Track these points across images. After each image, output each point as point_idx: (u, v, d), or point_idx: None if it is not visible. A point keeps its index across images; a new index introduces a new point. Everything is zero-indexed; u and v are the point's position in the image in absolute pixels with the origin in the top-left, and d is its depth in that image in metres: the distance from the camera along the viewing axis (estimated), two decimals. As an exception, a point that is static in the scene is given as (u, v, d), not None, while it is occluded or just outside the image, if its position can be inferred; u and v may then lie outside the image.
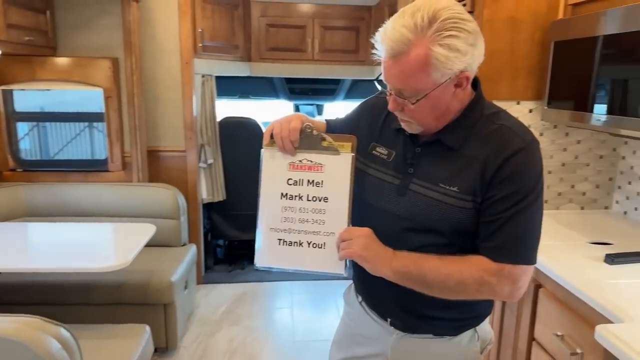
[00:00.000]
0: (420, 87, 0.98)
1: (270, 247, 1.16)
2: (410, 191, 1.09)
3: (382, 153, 1.16)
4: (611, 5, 1.70)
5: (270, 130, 1.15)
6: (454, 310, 1.16)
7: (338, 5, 3.99)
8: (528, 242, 1.02)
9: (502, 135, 1.02)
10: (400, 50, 0.94)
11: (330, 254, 1.11)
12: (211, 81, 3.52)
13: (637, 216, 2.07)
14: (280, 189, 1.15)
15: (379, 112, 1.20)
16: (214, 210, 3.89)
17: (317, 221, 1.13)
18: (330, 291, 3.52)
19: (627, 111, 1.58)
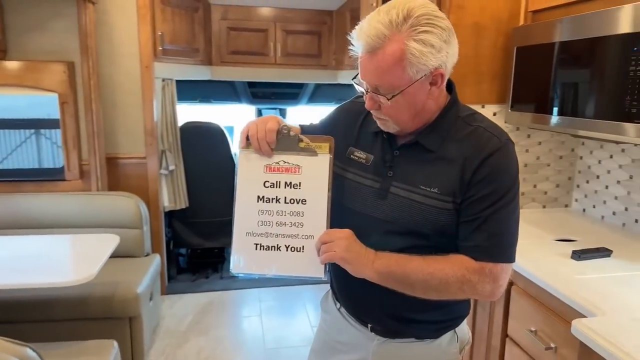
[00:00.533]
0: (396, 83, 0.99)
1: (246, 253, 1.13)
2: (390, 194, 1.09)
3: (360, 157, 1.16)
4: (568, 13, 1.79)
5: (246, 132, 1.13)
6: (436, 313, 1.17)
7: (299, 9, 3.99)
8: (507, 240, 1.04)
9: (479, 137, 1.04)
10: (376, 45, 0.96)
11: (310, 258, 1.10)
12: (172, 85, 3.43)
13: (595, 213, 2.17)
14: (257, 191, 1.12)
15: (355, 116, 1.21)
16: (176, 218, 3.79)
17: (296, 224, 1.11)
18: (299, 296, 3.50)
19: (582, 113, 1.67)
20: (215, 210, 3.86)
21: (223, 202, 3.87)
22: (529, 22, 2.04)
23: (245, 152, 1.13)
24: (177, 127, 3.50)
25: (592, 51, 1.61)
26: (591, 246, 1.70)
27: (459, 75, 2.08)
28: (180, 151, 3.54)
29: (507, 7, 2.07)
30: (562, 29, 1.77)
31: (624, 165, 1.99)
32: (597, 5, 1.64)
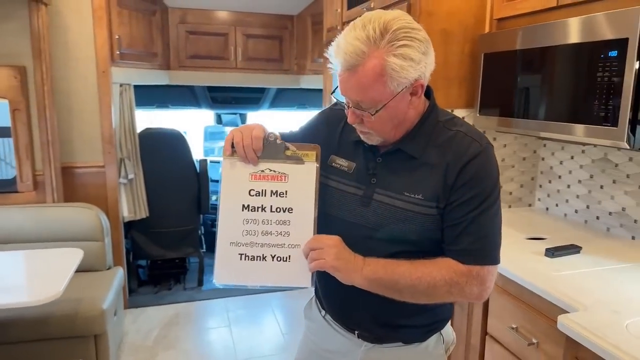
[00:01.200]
0: (378, 98, 0.98)
1: (230, 263, 1.10)
2: (374, 201, 1.09)
3: (342, 165, 1.15)
4: (532, 22, 1.87)
5: (231, 139, 1.10)
6: (422, 317, 1.18)
7: (259, 13, 3.96)
8: (491, 242, 1.06)
9: (460, 141, 1.05)
10: (356, 62, 0.95)
11: (296, 267, 1.09)
12: (129, 91, 3.30)
13: (557, 212, 2.28)
14: (242, 200, 1.10)
15: (335, 124, 1.20)
16: (135, 229, 3.65)
17: (282, 233, 1.09)
18: (267, 304, 3.45)
19: (543, 116, 1.75)
20: (177, 220, 3.75)
21: (185, 210, 3.77)
22: (494, 29, 2.12)
23: (230, 160, 1.10)
24: (135, 134, 3.37)
25: (550, 58, 1.70)
26: (560, 244, 1.78)
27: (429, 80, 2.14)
28: (140, 159, 3.42)
29: (473, 14, 2.14)
30: (522, 37, 1.86)
31: (584, 166, 2.10)
32: (561, 14, 1.72)
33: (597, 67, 1.50)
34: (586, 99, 1.55)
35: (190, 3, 3.75)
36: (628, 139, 1.42)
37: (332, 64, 1.00)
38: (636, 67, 1.38)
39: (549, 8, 1.77)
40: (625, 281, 1.50)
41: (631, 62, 1.39)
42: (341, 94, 1.04)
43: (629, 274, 1.55)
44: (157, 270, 3.87)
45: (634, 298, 1.37)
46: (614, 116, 1.45)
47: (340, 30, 2.89)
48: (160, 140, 3.62)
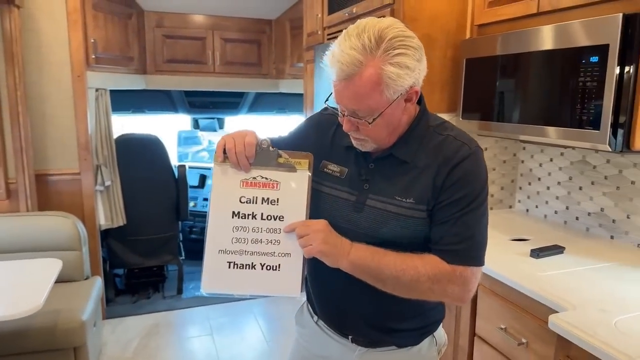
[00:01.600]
0: (375, 107, 0.99)
1: (218, 271, 1.08)
2: (367, 207, 1.10)
3: (335, 170, 1.15)
4: (510, 28, 1.92)
5: (223, 145, 1.09)
6: (417, 320, 1.19)
7: (237, 17, 3.94)
8: (477, 243, 1.07)
9: (450, 145, 1.06)
10: (352, 72, 0.95)
11: (286, 276, 1.08)
12: (105, 95, 3.22)
13: (537, 213, 2.33)
14: (232, 207, 1.09)
15: (326, 129, 1.20)
16: (112, 237, 3.56)
17: (272, 241, 1.08)
18: (249, 310, 3.41)
19: (525, 119, 1.80)
20: (155, 227, 3.68)
21: (163, 217, 3.70)
22: (475, 35, 2.16)
23: (221, 166, 1.09)
24: (112, 140, 3.30)
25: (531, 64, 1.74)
26: (543, 244, 1.82)
27: (413, 85, 2.17)
28: (117, 165, 3.34)
29: (455, 19, 2.17)
30: (501, 44, 1.90)
31: (563, 168, 2.16)
32: (541, 21, 1.77)
33: (579, 72, 1.54)
34: (568, 103, 1.60)
35: (166, 7, 3.70)
36: (610, 142, 1.47)
37: (328, 73, 1.01)
38: (617, 72, 1.43)
39: (530, 15, 1.82)
40: (608, 280, 1.54)
41: (612, 67, 1.43)
42: (336, 102, 1.04)
43: (611, 273, 1.60)
44: (135, 279, 3.78)
45: (620, 296, 1.41)
46: (596, 120, 1.50)
47: (321, 34, 2.91)
48: (137, 146, 3.55)
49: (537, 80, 1.77)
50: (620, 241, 1.90)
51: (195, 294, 3.77)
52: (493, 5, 2.02)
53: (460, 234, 1.04)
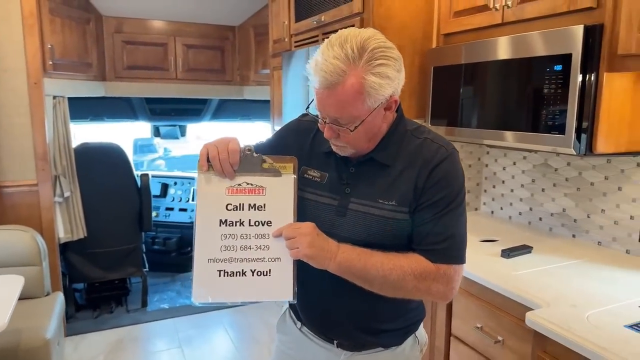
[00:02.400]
0: (356, 115, 1.02)
1: (209, 280, 1.08)
2: (350, 211, 1.12)
3: (315, 176, 1.17)
4: (476, 38, 1.99)
5: (206, 154, 1.09)
6: (401, 320, 1.22)
7: (199, 23, 3.89)
8: (458, 242, 1.11)
9: (428, 147, 1.11)
10: (335, 81, 0.98)
11: (278, 281, 1.09)
12: (63, 103, 3.10)
13: (503, 215, 2.43)
14: (219, 215, 1.09)
15: (304, 135, 1.22)
16: (71, 250, 3.41)
17: (261, 247, 1.09)
18: (218, 321, 3.36)
19: (490, 125, 1.88)
20: (117, 238, 3.56)
21: (126, 228, 3.59)
22: (441, 44, 2.23)
23: (205, 175, 1.09)
24: (71, 149, 3.17)
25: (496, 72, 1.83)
26: (512, 245, 1.90)
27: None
28: (76, 175, 3.21)
29: (422, 29, 2.24)
30: (464, 53, 1.98)
31: (526, 171, 2.26)
32: (505, 30, 1.85)
33: (544, 80, 1.62)
34: (534, 109, 1.68)
35: (126, 12, 3.61)
36: (574, 146, 1.55)
37: (310, 81, 1.03)
38: (579, 80, 1.52)
39: (494, 25, 1.90)
40: (575, 277, 1.62)
41: (575, 75, 1.52)
42: (318, 109, 1.06)
43: (577, 270, 1.69)
44: (96, 293, 3.64)
45: (588, 292, 1.49)
46: (560, 125, 1.58)
47: (288, 41, 2.92)
48: (97, 155, 3.43)
49: (502, 87, 1.85)
50: (582, 239, 2.01)
51: (160, 306, 3.67)
52: (458, 15, 2.09)
53: (442, 234, 1.08)
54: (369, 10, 2.15)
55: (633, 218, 1.80)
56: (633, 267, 1.70)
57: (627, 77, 1.54)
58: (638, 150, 1.66)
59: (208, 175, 1.09)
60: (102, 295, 3.64)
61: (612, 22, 1.48)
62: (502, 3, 1.83)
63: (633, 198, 1.80)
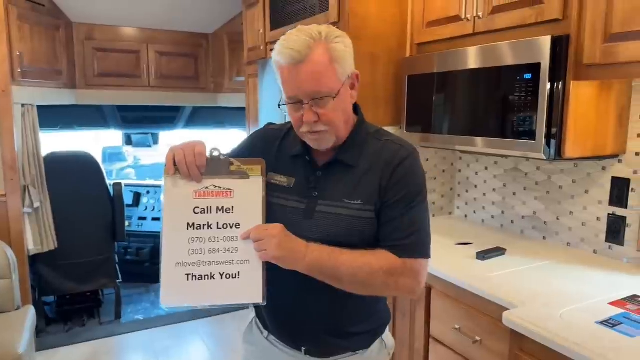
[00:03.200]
0: (332, 85, 1.07)
1: (177, 284, 1.08)
2: (317, 213, 1.14)
3: (282, 181, 1.19)
4: (449, 47, 2.06)
5: (172, 158, 1.09)
6: (369, 322, 1.24)
7: (172, 31, 3.86)
8: (423, 237, 1.15)
9: (390, 148, 1.15)
10: (306, 52, 1.04)
11: (247, 283, 1.09)
12: (32, 111, 3.02)
13: (476, 218, 2.49)
14: (186, 219, 1.09)
15: (271, 142, 1.24)
16: (41, 262, 3.32)
17: (230, 250, 1.09)
18: (195, 331, 3.32)
19: (463, 131, 1.95)
20: (90, 249, 3.48)
21: (98, 239, 3.51)
22: (415, 53, 2.29)
23: (172, 178, 1.09)
24: (41, 159, 3.09)
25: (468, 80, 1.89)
26: (486, 247, 1.96)
27: (359, 99, 2.23)
28: (46, 185, 3.13)
29: (396, 38, 2.29)
30: (436, 62, 2.05)
31: (497, 175, 2.34)
32: (476, 40, 1.92)
33: (514, 88, 1.69)
34: (505, 116, 1.74)
35: (96, 19, 3.56)
36: (544, 151, 1.62)
37: (279, 67, 1.08)
38: (548, 87, 1.59)
39: (466, 35, 1.97)
40: (547, 277, 1.69)
41: (544, 83, 1.59)
42: (291, 94, 1.09)
43: (549, 271, 1.75)
44: (67, 305, 3.54)
45: (559, 291, 1.55)
46: (531, 131, 1.65)
47: (263, 49, 2.93)
48: (68, 164, 3.35)
49: (475, 95, 1.91)
50: (552, 241, 2.08)
51: (135, 317, 3.60)
52: (431, 25, 2.15)
53: (407, 230, 1.11)
54: (345, 20, 2.19)
55: (599, 219, 1.89)
56: (601, 267, 1.78)
57: (592, 85, 1.63)
58: (603, 154, 1.75)
59: (175, 178, 1.09)
60: (73, 308, 3.54)
61: (577, 33, 1.56)
62: (473, 14, 1.90)
63: (599, 200, 1.88)
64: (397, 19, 2.27)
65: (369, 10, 2.21)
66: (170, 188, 1.09)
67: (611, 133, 1.73)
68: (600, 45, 1.49)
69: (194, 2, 3.48)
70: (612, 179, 1.83)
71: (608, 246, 1.86)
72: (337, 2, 2.21)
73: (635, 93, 1.74)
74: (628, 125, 1.76)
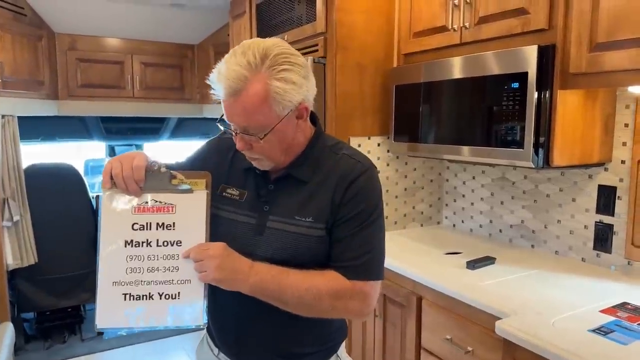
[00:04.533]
0: (265, 122, 1.00)
1: (114, 305, 1.03)
2: (268, 229, 1.09)
3: (234, 194, 1.14)
4: (436, 57, 2.07)
5: (109, 171, 1.04)
6: (320, 341, 1.19)
7: (157, 41, 3.83)
8: (376, 258, 1.10)
9: (346, 163, 1.11)
10: (239, 87, 0.96)
11: (187, 304, 1.04)
12: (13, 122, 2.96)
13: (464, 227, 2.49)
14: (124, 235, 1.04)
15: (224, 153, 1.19)
16: (20, 277, 3.22)
17: (170, 268, 1.04)
18: (178, 346, 3.25)
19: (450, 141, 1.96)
20: (71, 263, 3.39)
21: (80, 253, 3.43)
22: (402, 63, 2.30)
23: (109, 193, 1.04)
24: (21, 171, 3.02)
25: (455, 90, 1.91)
26: (475, 256, 1.95)
27: (348, 109, 2.25)
28: (26, 198, 3.05)
29: (383, 49, 2.30)
30: (424, 72, 2.06)
31: (485, 184, 2.34)
32: (464, 50, 1.93)
33: (502, 96, 1.70)
34: (493, 125, 1.75)
35: (79, 29, 3.51)
36: (532, 159, 1.63)
37: (215, 91, 1.01)
38: (535, 96, 1.60)
39: (453, 45, 1.98)
40: (537, 286, 1.68)
41: (531, 92, 1.60)
42: (227, 120, 1.04)
43: (538, 279, 1.75)
44: (47, 322, 3.43)
45: (550, 300, 1.55)
46: (519, 139, 1.65)
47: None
48: (49, 177, 3.28)
49: (462, 105, 1.92)
50: (540, 250, 2.09)
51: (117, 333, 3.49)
52: (418, 36, 2.17)
53: (358, 250, 1.07)
54: (332, 31, 2.19)
55: (587, 227, 1.90)
56: (589, 274, 1.78)
57: (578, 94, 1.65)
58: (589, 162, 1.76)
59: (112, 193, 1.04)
60: (54, 324, 3.44)
61: (562, 42, 1.58)
62: (460, 24, 1.92)
63: (586, 208, 1.89)
64: (384, 29, 2.29)
65: (356, 21, 2.22)
66: (108, 203, 1.04)
67: (597, 141, 1.75)
68: (586, 54, 1.50)
69: (180, 13, 3.46)
70: (599, 187, 1.84)
71: (596, 254, 1.87)
72: (324, 13, 2.22)
73: (619, 102, 1.76)
74: (614, 134, 1.78)
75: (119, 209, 1.04)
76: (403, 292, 1.89)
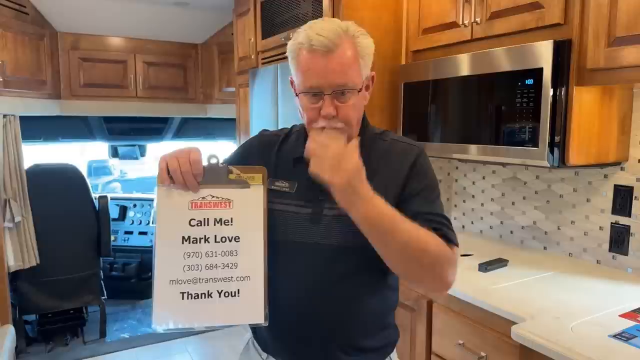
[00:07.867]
0: (357, 80, 1.04)
1: (171, 304, 1.00)
2: (325, 217, 1.07)
3: (283, 186, 1.12)
4: (445, 54, 2.02)
5: (165, 167, 1.00)
6: (379, 336, 1.16)
7: (160, 41, 3.80)
8: (449, 226, 1.08)
9: (400, 147, 1.13)
10: (337, 42, 1.00)
11: (247, 302, 1.02)
12: (15, 122, 2.93)
13: (474, 228, 2.44)
14: (181, 232, 1.01)
15: (269, 147, 1.18)
16: (22, 279, 3.19)
17: (228, 265, 1.02)
18: (183, 349, 3.20)
19: (462, 139, 1.91)
20: (73, 265, 3.35)
21: (82, 254, 3.40)
22: (410, 60, 2.25)
23: (165, 189, 1.00)
24: (23, 171, 2.99)
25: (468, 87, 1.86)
26: (487, 258, 1.90)
27: (354, 108, 2.20)
28: (28, 199, 3.02)
29: (391, 46, 2.25)
30: (432, 69, 2.01)
31: (496, 185, 2.29)
32: (473, 46, 1.88)
33: (515, 94, 1.65)
34: (507, 123, 1.70)
35: (82, 28, 3.48)
36: (548, 158, 1.58)
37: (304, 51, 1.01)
38: (550, 93, 1.55)
39: (464, 41, 1.93)
40: (553, 288, 1.63)
41: (547, 88, 1.55)
42: (314, 83, 1.02)
43: (553, 282, 1.70)
44: (49, 324, 3.39)
45: (567, 303, 1.50)
46: (534, 138, 1.60)
47: (254, 58, 2.88)
48: (51, 177, 3.25)
49: (474, 102, 1.87)
50: (553, 251, 2.03)
51: (120, 336, 3.47)
52: (427, 32, 2.12)
53: (435, 220, 1.04)
54: (339, 27, 2.14)
55: (602, 229, 1.84)
56: (605, 277, 1.73)
57: (594, 91, 1.59)
58: (606, 161, 1.71)
59: (168, 189, 1.00)
60: (56, 326, 3.40)
61: (579, 37, 1.52)
62: (471, 20, 1.87)
63: (601, 209, 1.84)
64: (392, 26, 2.24)
65: (363, 18, 2.16)
66: (164, 199, 1.00)
67: (614, 140, 1.69)
68: (603, 49, 1.45)
69: (183, 12, 3.43)
70: (615, 187, 1.78)
71: (612, 256, 1.82)
72: (330, 10, 2.17)
73: (636, 99, 1.71)
74: (630, 132, 1.72)
75: (176, 205, 1.01)
76: (413, 295, 1.83)
